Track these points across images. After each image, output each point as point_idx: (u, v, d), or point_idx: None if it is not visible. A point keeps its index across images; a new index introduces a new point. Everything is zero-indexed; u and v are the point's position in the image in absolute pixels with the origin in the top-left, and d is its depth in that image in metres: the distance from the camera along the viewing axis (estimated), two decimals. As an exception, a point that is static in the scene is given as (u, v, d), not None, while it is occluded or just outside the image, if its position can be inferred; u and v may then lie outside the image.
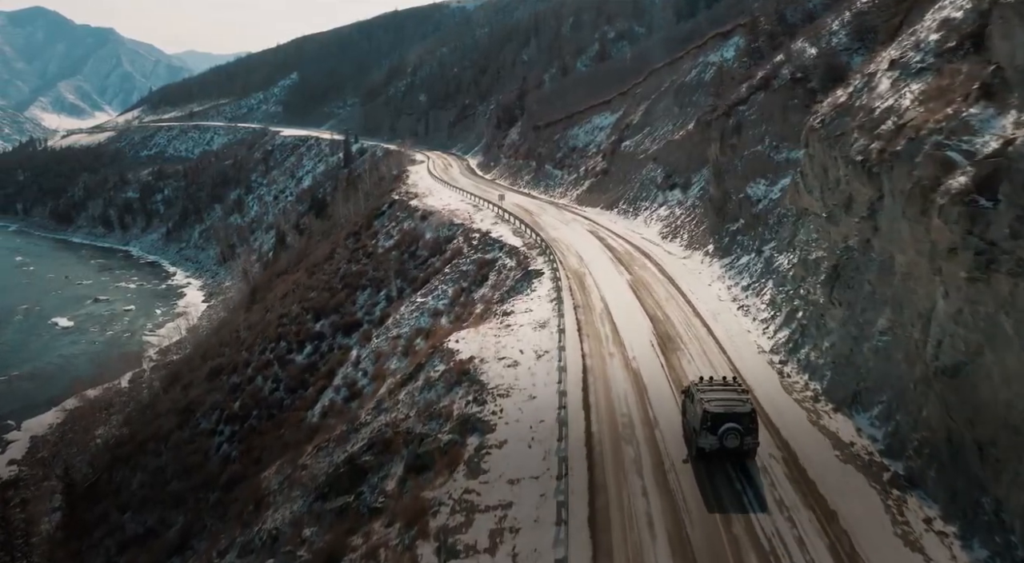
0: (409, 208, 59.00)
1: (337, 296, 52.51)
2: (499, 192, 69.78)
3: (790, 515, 15.37)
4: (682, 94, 58.66)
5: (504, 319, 27.66)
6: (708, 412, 17.60)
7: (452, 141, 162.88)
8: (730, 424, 17.52)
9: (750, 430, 17.75)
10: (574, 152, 76.76)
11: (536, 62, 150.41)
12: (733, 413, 17.66)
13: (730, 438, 17.53)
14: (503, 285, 34.79)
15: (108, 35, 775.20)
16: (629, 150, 61.35)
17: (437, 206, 58.17)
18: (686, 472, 17.47)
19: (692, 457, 18.35)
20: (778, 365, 22.69)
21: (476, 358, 22.87)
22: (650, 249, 41.17)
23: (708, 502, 16.10)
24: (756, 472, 17.30)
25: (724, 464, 17.76)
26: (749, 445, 17.84)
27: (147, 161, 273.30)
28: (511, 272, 36.39)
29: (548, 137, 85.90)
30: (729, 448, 17.64)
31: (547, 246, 40.85)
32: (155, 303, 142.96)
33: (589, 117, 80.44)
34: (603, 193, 62.25)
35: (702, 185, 44.62)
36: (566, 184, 73.46)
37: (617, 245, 42.69)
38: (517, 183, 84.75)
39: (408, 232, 53.33)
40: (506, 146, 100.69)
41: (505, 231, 46.57)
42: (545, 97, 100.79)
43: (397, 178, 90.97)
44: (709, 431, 17.61)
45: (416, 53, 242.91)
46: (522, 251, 40.03)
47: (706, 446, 17.83)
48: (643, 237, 45.42)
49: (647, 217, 50.01)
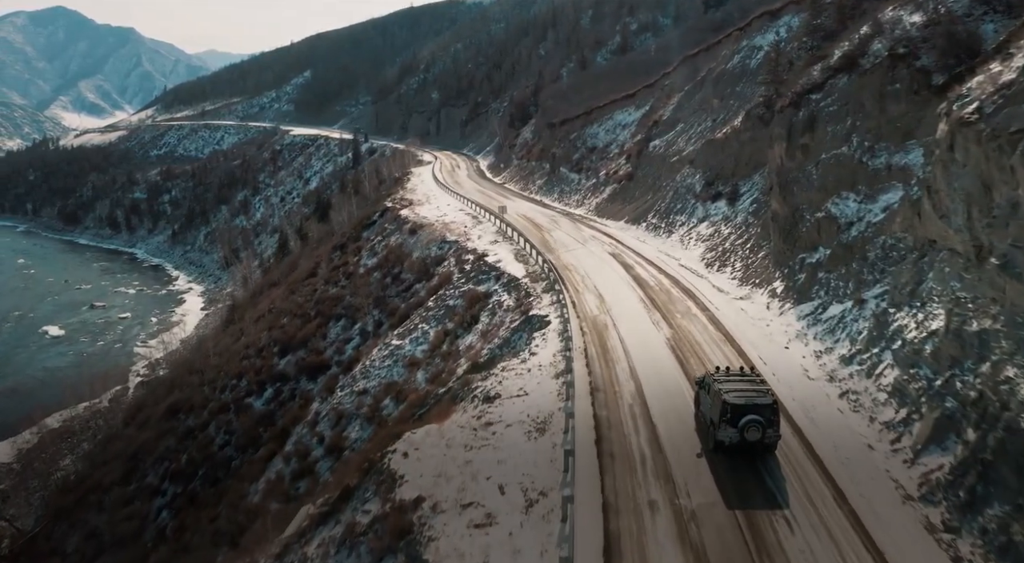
0: (399, 219, 49.84)
1: (308, 326, 43.58)
2: (504, 202, 60.45)
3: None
4: (723, 84, 48.77)
5: (485, 408, 18.17)
6: (728, 403, 16.62)
7: (464, 141, 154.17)
8: (751, 416, 16.49)
9: (772, 422, 16.70)
10: (593, 153, 67.05)
11: (553, 56, 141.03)
12: (754, 404, 16.63)
13: (751, 431, 16.49)
14: (495, 334, 25.57)
15: (129, 35, 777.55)
16: (659, 151, 51.62)
17: (431, 217, 48.99)
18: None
19: (708, 451, 17.10)
20: (947, 542, 12.84)
21: (427, 501, 13.46)
22: (693, 283, 31.20)
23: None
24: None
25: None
26: (771, 438, 16.80)
27: (156, 161, 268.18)
28: (507, 314, 27.15)
29: (564, 136, 76.34)
30: (750, 441, 16.56)
31: (557, 277, 31.66)
32: (153, 310, 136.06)
33: (610, 113, 70.68)
34: (628, 202, 52.69)
35: (755, 196, 35.00)
36: (584, 190, 63.59)
37: (648, 276, 32.83)
38: (528, 188, 75.30)
39: (394, 249, 44.26)
40: (518, 146, 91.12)
41: (506, 253, 37.25)
42: (561, 92, 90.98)
43: (397, 182, 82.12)
44: (729, 423, 16.58)
45: (429, 49, 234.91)
46: (524, 284, 30.71)
47: (725, 439, 16.74)
48: (681, 264, 35.34)
49: (684, 235, 39.96)
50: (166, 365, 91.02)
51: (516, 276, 32.17)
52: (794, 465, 16.07)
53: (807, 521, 13.61)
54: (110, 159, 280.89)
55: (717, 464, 16.18)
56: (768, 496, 14.94)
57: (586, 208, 58.68)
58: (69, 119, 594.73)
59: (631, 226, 47.18)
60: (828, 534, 13.19)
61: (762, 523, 13.65)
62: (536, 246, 37.19)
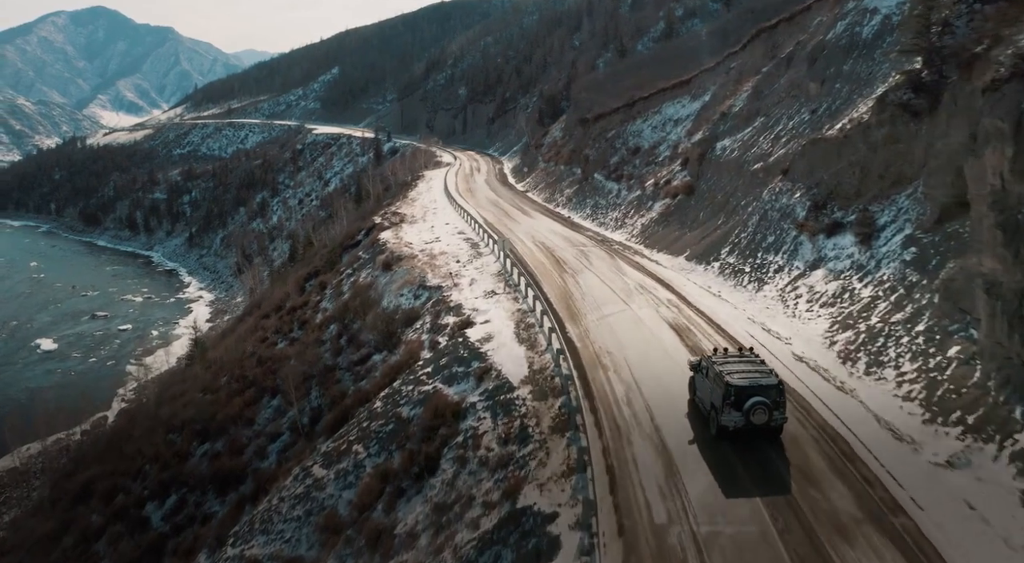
0: (377, 245, 37.24)
1: (237, 400, 31.22)
2: (521, 220, 47.17)
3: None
4: (823, 62, 34.90)
5: None
6: (732, 386, 15.77)
7: (491, 139, 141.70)
8: (757, 398, 15.63)
9: (778, 404, 15.87)
10: (636, 156, 53.41)
11: (588, 47, 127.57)
12: (759, 385, 15.87)
13: (758, 414, 15.63)
14: (453, 533, 12.66)
15: (167, 34, 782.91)
16: (730, 155, 38.01)
17: (417, 244, 36.42)
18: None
19: (710, 438, 16.10)
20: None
21: None
22: (831, 406, 17.33)
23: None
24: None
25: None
26: (778, 421, 15.96)
27: (179, 160, 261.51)
28: (482, 479, 14.34)
29: (599, 134, 62.78)
30: (756, 425, 15.66)
31: (581, 394, 18.57)
32: (156, 321, 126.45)
33: (658, 105, 57.04)
34: (688, 227, 38.85)
35: (909, 233, 21.52)
36: (625, 206, 49.82)
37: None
38: (555, 198, 62.00)
39: (360, 291, 31.90)
40: (545, 146, 77.83)
41: (503, 319, 24.02)
42: (597, 83, 77.04)
43: (403, 188, 69.52)
44: (733, 407, 15.70)
45: (458, 44, 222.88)
46: (521, 404, 17.71)
47: (730, 424, 15.84)
48: (796, 354, 20.90)
49: (786, 290, 25.76)
50: (148, 392, 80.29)
51: (511, 379, 18.94)
52: None
53: None
54: (134, 158, 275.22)
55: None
56: None
57: (628, 232, 44.61)
58: (107, 118, 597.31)
59: (696, 265, 32.98)
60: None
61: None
62: (553, 305, 23.75)
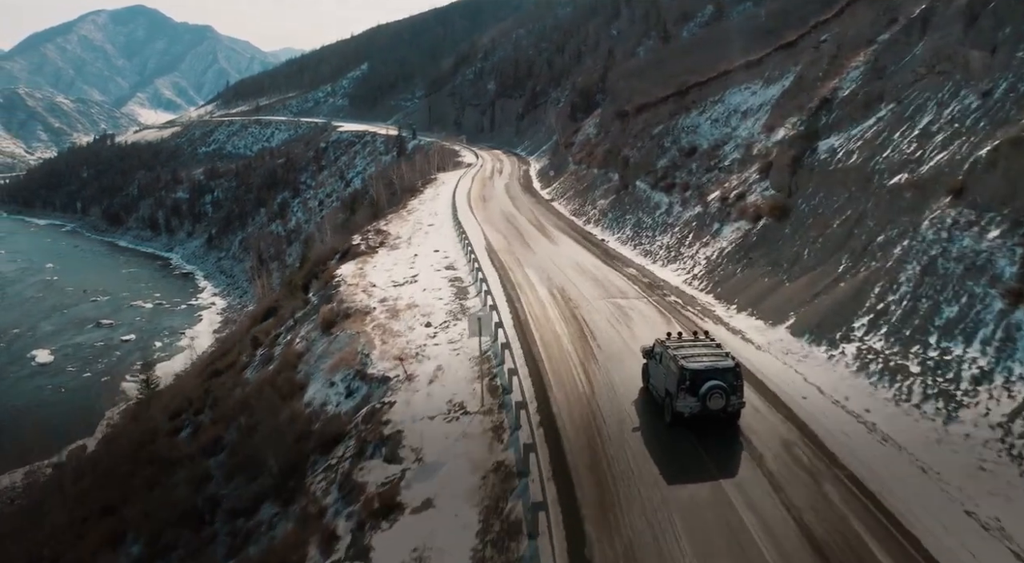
0: (331, 285, 26.97)
1: (95, 534, 21.30)
2: (540, 245, 36.61)
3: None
4: (995, 18, 22.61)
5: None
6: (687, 369, 15.36)
7: (519, 137, 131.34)
8: (713, 382, 15.22)
9: (735, 388, 15.45)
10: (692, 158, 41.74)
11: (627, 35, 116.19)
12: (716, 369, 15.44)
13: (714, 399, 15.22)
14: None
15: (206, 32, 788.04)
16: (845, 160, 26.78)
17: (384, 286, 26.01)
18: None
19: (662, 425, 15.67)
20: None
21: None
22: None
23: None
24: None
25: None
26: (735, 406, 15.54)
27: (205, 158, 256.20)
28: None
29: (642, 130, 51.28)
30: (713, 410, 15.24)
31: None
32: (162, 331, 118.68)
33: (719, 93, 44.96)
34: (783, 272, 26.09)
35: None
36: (680, 228, 36.78)
37: None
38: (585, 210, 50.60)
39: (286, 365, 21.67)
40: (576, 145, 67.01)
41: (466, 494, 12.14)
42: (637, 70, 65.17)
43: (408, 195, 59.44)
44: (688, 392, 15.27)
45: (489, 36, 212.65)
46: None
47: (685, 410, 15.39)
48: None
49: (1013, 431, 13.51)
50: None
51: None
52: None
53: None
54: (159, 157, 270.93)
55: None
56: None
57: (686, 269, 31.98)
58: (145, 115, 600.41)
59: (809, 347, 20.03)
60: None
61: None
62: (571, 470, 13.82)
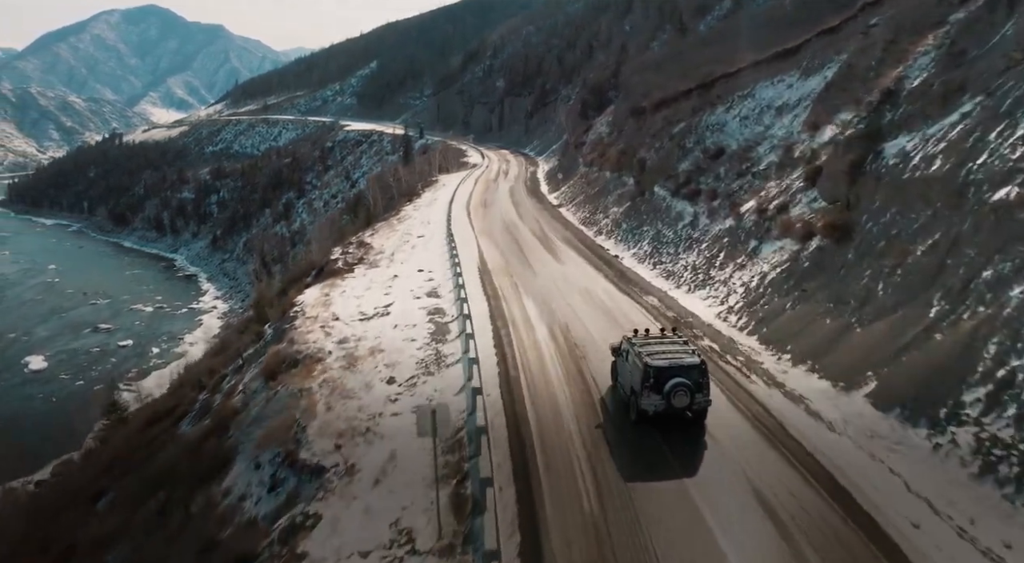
0: (287, 318, 22.27)
1: None
2: (541, 261, 31.83)
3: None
4: None
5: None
6: (651, 367, 15.20)
7: (528, 136, 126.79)
8: (678, 379, 15.01)
9: (701, 386, 15.23)
10: (719, 161, 37.04)
11: (641, 29, 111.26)
12: (680, 366, 15.22)
13: (679, 396, 15.05)
14: None
15: (218, 32, 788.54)
16: (922, 169, 20.01)
17: (348, 320, 21.10)
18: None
19: (631, 424, 15.60)
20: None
21: None
22: None
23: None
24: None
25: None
26: (700, 404, 15.34)
27: (211, 158, 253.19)
28: None
29: (661, 129, 46.32)
30: (677, 408, 15.11)
31: None
32: (161, 336, 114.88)
33: (748, 86, 40.25)
34: (849, 311, 19.61)
35: None
36: (708, 244, 31.48)
37: None
38: (596, 219, 45.80)
39: (220, 420, 17.26)
40: (587, 145, 62.27)
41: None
42: (653, 63, 60.09)
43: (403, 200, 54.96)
44: (652, 390, 15.10)
45: (498, 33, 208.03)
46: None
47: (649, 408, 15.20)
48: None
49: None
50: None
51: None
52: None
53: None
54: (166, 156, 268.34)
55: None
56: None
57: (719, 299, 26.25)
58: (158, 115, 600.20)
59: (900, 425, 14.99)
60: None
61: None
62: None
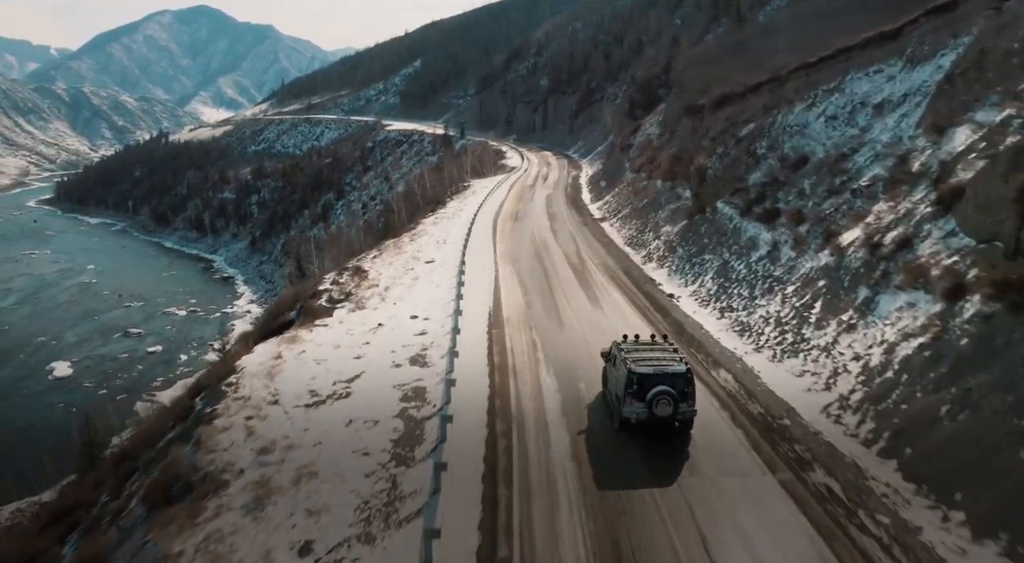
0: (216, 394, 16.18)
1: None
2: (573, 300, 25.05)
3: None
4: None
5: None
6: (634, 373, 14.79)
7: (573, 137, 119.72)
8: (661, 387, 14.63)
9: (686, 395, 14.84)
10: (801, 172, 28.84)
11: (694, 22, 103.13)
12: (664, 374, 14.86)
13: (661, 405, 14.64)
14: None
15: (267, 32, 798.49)
16: None
17: (289, 406, 14.90)
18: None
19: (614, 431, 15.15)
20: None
21: None
22: None
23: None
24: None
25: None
26: (685, 414, 14.92)
27: (253, 157, 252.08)
28: None
29: (723, 131, 38.46)
30: (660, 417, 14.71)
31: None
32: (191, 342, 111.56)
33: (835, 78, 32.26)
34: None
35: None
36: (795, 288, 22.62)
37: None
38: (645, 240, 37.85)
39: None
40: (635, 148, 54.92)
41: None
42: (710, 56, 52.10)
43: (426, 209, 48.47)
44: (635, 397, 14.71)
45: (544, 30, 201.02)
46: None
47: (632, 416, 14.87)
48: None
49: None
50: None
51: None
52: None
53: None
54: (209, 155, 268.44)
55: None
56: None
57: (821, 379, 18.15)
58: (208, 114, 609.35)
59: None
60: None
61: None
62: None
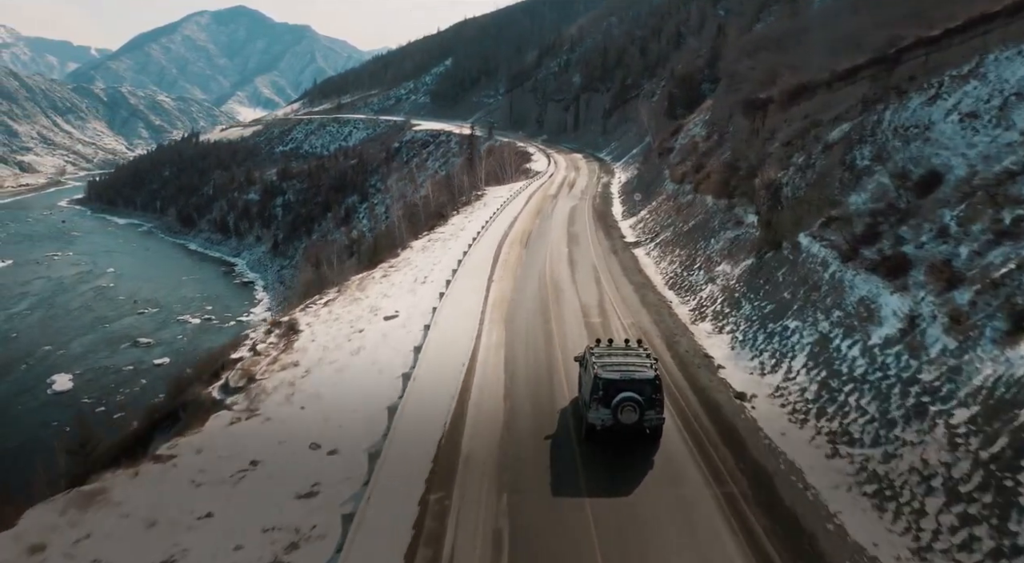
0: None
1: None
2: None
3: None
4: None
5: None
6: (600, 378, 14.34)
7: (606, 137, 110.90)
8: (627, 393, 14.08)
9: (653, 402, 14.26)
10: (932, 196, 18.13)
11: (739, 12, 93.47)
12: (632, 379, 14.34)
13: (626, 412, 14.11)
14: None
15: (304, 32, 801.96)
16: None
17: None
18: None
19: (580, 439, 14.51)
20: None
21: None
22: None
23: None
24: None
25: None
26: (652, 421, 14.33)
27: (281, 158, 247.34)
28: None
29: (800, 135, 28.52)
30: (625, 424, 14.15)
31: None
32: (200, 354, 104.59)
33: (970, 58, 22.03)
34: None
35: None
36: (964, 414, 13.13)
37: None
38: (692, 282, 29.32)
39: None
40: (676, 152, 46.16)
41: None
42: (768, 41, 43.02)
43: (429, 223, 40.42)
44: (601, 403, 14.22)
45: (577, 25, 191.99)
46: None
47: (597, 422, 14.37)
48: None
49: None
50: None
51: None
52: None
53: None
54: (237, 155, 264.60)
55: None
56: None
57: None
58: (244, 113, 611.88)
59: None
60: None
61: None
62: None
